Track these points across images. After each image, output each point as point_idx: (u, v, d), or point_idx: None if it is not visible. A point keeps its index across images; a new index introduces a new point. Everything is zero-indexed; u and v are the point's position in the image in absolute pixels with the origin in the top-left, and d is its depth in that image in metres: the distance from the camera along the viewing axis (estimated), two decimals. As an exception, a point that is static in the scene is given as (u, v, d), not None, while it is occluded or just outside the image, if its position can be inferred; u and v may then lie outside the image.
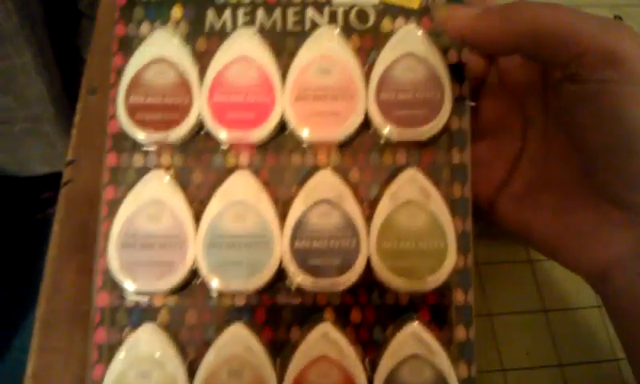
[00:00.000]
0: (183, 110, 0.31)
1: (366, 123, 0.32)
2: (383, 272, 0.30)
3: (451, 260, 0.30)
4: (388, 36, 0.33)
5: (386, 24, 0.33)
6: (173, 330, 0.30)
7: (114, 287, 0.31)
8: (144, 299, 0.31)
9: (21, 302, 0.94)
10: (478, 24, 0.29)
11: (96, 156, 0.41)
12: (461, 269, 0.31)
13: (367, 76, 0.32)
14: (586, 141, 0.27)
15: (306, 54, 0.32)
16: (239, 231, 0.30)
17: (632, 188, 0.26)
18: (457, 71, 0.32)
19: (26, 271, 0.95)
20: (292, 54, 0.32)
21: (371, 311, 0.31)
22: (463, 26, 0.30)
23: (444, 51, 0.32)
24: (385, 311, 0.31)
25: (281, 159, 0.32)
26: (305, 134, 0.31)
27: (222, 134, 0.31)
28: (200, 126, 0.32)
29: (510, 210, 0.32)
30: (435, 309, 0.31)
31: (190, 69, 0.32)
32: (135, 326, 0.30)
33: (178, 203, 0.31)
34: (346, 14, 0.33)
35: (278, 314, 0.31)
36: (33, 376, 0.35)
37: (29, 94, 0.76)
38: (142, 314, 0.31)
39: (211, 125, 0.31)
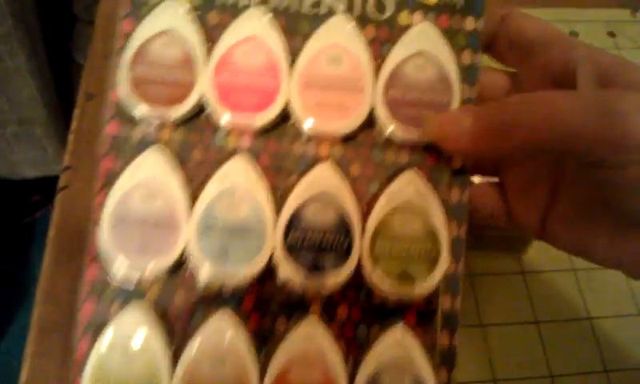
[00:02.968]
0: (186, 87, 0.31)
1: (372, 119, 0.31)
2: (373, 275, 0.30)
3: (443, 267, 0.30)
4: (404, 30, 0.32)
5: (404, 17, 0.32)
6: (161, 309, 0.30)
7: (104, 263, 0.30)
8: (133, 278, 0.30)
9: (9, 305, 0.93)
10: (474, 139, 0.27)
11: (92, 162, 0.42)
12: (451, 275, 0.30)
13: (378, 71, 0.31)
14: (616, 207, 0.27)
15: (318, 42, 0.31)
16: (233, 218, 0.30)
17: None
18: (470, 73, 0.31)
19: (14, 274, 0.95)
20: (305, 37, 0.32)
21: (358, 310, 0.30)
22: (458, 143, 0.28)
23: (459, 51, 0.32)
24: (371, 311, 0.30)
25: (282, 146, 0.31)
26: (309, 124, 0.31)
27: (225, 116, 0.31)
28: (203, 106, 0.31)
29: (562, 232, 0.30)
30: (422, 313, 0.30)
31: (198, 44, 0.31)
32: (124, 302, 0.30)
33: (175, 183, 0.30)
34: (364, 1, 0.32)
35: (265, 304, 0.30)
36: (27, 382, 0.35)
37: (21, 96, 0.76)
38: (129, 293, 0.30)
39: (214, 105, 0.31)
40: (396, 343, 0.29)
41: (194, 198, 0.30)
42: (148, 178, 0.30)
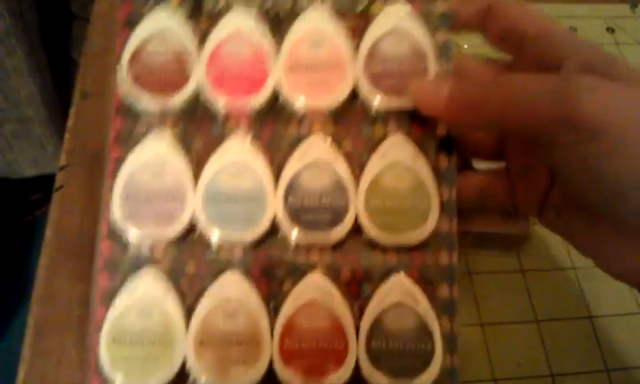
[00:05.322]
0: (183, 79, 0.33)
1: (356, 95, 0.32)
2: (371, 228, 0.31)
3: (434, 218, 0.31)
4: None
5: (377, 7, 0.34)
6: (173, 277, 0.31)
7: (118, 236, 0.31)
8: (145, 249, 0.31)
9: (8, 304, 0.93)
10: (449, 109, 0.29)
11: (89, 161, 0.41)
12: (445, 231, 0.31)
13: (356, 52, 0.33)
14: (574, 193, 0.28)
15: (299, 29, 0.33)
16: (236, 188, 0.31)
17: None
18: (445, 50, 0.33)
19: (14, 273, 0.95)
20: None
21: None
22: (433, 109, 0.30)
23: (433, 30, 0.33)
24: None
25: (277, 129, 0.33)
26: (297, 101, 0.32)
27: (220, 101, 0.32)
28: (199, 96, 0.33)
29: (551, 218, 0.31)
30: (422, 268, 0.31)
31: (190, 43, 0.33)
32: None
33: (179, 161, 0.32)
34: None
35: (272, 269, 0.32)
36: (24, 382, 0.35)
37: (20, 95, 0.75)
38: (143, 263, 0.31)
39: (210, 92, 0.32)
40: (399, 286, 0.31)
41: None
42: (154, 158, 0.32)
